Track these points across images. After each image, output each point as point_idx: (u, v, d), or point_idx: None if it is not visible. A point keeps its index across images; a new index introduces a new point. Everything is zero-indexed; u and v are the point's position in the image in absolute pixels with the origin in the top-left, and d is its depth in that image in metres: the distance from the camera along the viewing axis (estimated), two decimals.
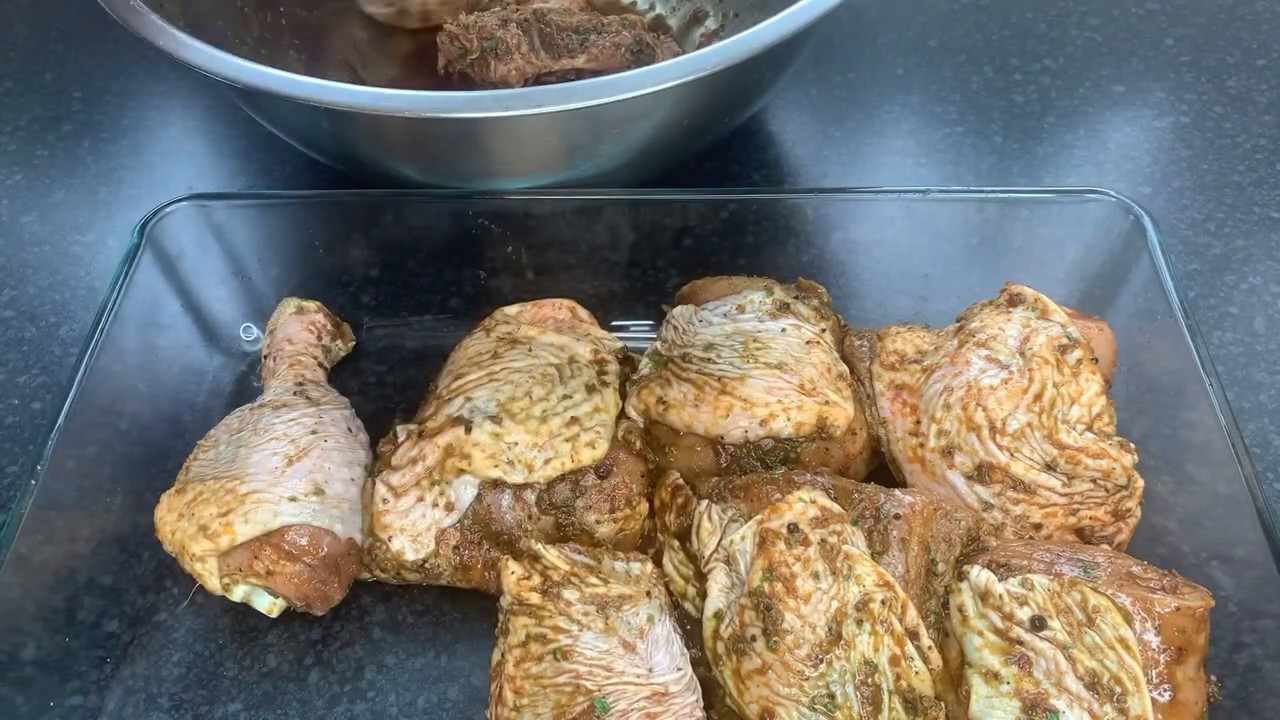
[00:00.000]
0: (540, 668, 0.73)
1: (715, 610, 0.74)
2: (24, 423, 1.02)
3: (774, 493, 0.77)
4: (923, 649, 0.71)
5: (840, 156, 1.24)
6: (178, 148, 1.29)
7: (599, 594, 0.75)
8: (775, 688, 0.71)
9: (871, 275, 1.04)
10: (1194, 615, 0.71)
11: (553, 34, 1.15)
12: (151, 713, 0.83)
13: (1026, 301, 0.88)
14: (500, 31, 1.14)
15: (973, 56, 1.35)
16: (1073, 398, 0.83)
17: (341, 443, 0.88)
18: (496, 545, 0.84)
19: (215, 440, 0.89)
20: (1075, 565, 0.74)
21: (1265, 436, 0.97)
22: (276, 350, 0.98)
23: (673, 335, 0.92)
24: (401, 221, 1.03)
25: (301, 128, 1.05)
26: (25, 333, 1.10)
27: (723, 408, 0.84)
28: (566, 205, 1.01)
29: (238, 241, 1.02)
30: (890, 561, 0.74)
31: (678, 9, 1.37)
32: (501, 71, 1.15)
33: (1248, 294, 1.09)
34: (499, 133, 0.94)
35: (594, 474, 0.83)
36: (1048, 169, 1.22)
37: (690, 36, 1.34)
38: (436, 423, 0.85)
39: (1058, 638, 0.70)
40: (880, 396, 0.89)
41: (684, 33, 1.34)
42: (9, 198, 1.23)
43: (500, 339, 0.92)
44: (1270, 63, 1.32)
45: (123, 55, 1.37)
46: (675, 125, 0.99)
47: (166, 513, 0.83)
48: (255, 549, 0.80)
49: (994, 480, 0.81)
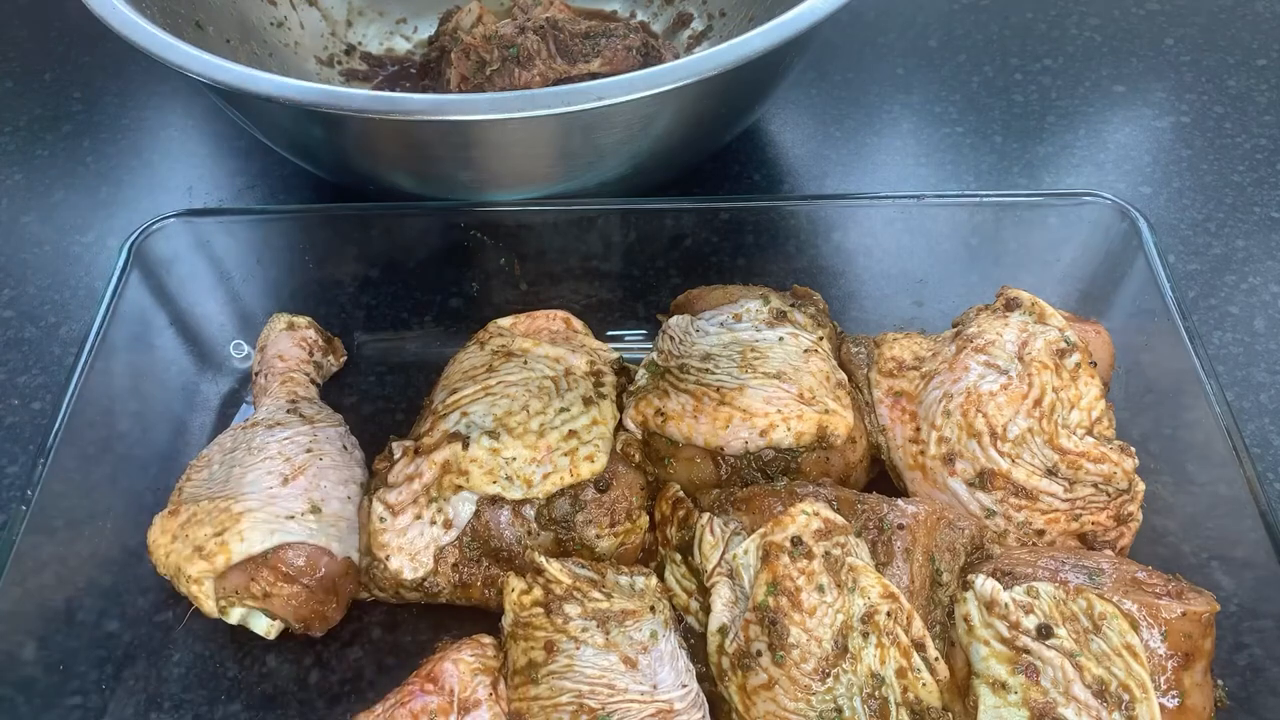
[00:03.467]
0: (539, 689, 0.72)
1: (719, 625, 0.74)
2: (24, 423, 1.02)
3: (776, 505, 0.76)
4: (929, 660, 0.71)
5: (840, 156, 1.24)
6: (178, 148, 1.29)
7: (601, 609, 0.75)
8: (782, 703, 0.70)
9: (867, 280, 1.04)
10: (1200, 620, 0.71)
11: (566, 40, 1.16)
12: (151, 713, 0.82)
13: (1023, 305, 0.88)
14: (520, 39, 1.14)
15: (973, 56, 1.35)
16: (1072, 402, 0.83)
17: (337, 460, 0.87)
18: (496, 562, 0.83)
19: (208, 460, 0.88)
20: (1080, 572, 0.73)
21: (1265, 436, 0.97)
22: (268, 367, 0.97)
23: (669, 345, 0.91)
24: (391, 234, 1.02)
25: (291, 136, 1.04)
26: (25, 333, 1.09)
27: (722, 418, 0.83)
28: (558, 215, 1.00)
29: (226, 257, 1.01)
30: (894, 572, 0.74)
31: (660, 14, 1.36)
32: (526, 78, 1.15)
33: (1248, 294, 1.09)
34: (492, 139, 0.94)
35: (593, 488, 0.82)
36: (1048, 169, 1.22)
37: (677, 40, 1.33)
38: (433, 439, 0.84)
39: (1064, 646, 0.70)
40: (879, 404, 0.88)
41: (669, 37, 1.34)
42: (9, 198, 1.23)
43: (495, 352, 0.92)
44: (1270, 63, 1.33)
45: (123, 55, 1.36)
46: (672, 132, 0.99)
47: (160, 534, 0.82)
48: (252, 570, 0.79)
49: (996, 487, 0.81)
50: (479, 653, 0.75)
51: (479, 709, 0.71)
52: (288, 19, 1.26)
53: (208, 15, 1.14)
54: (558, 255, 1.02)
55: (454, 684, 0.72)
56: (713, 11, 1.33)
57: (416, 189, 1.03)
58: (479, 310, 1.03)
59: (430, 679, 0.73)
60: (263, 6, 1.24)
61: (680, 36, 1.33)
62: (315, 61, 1.28)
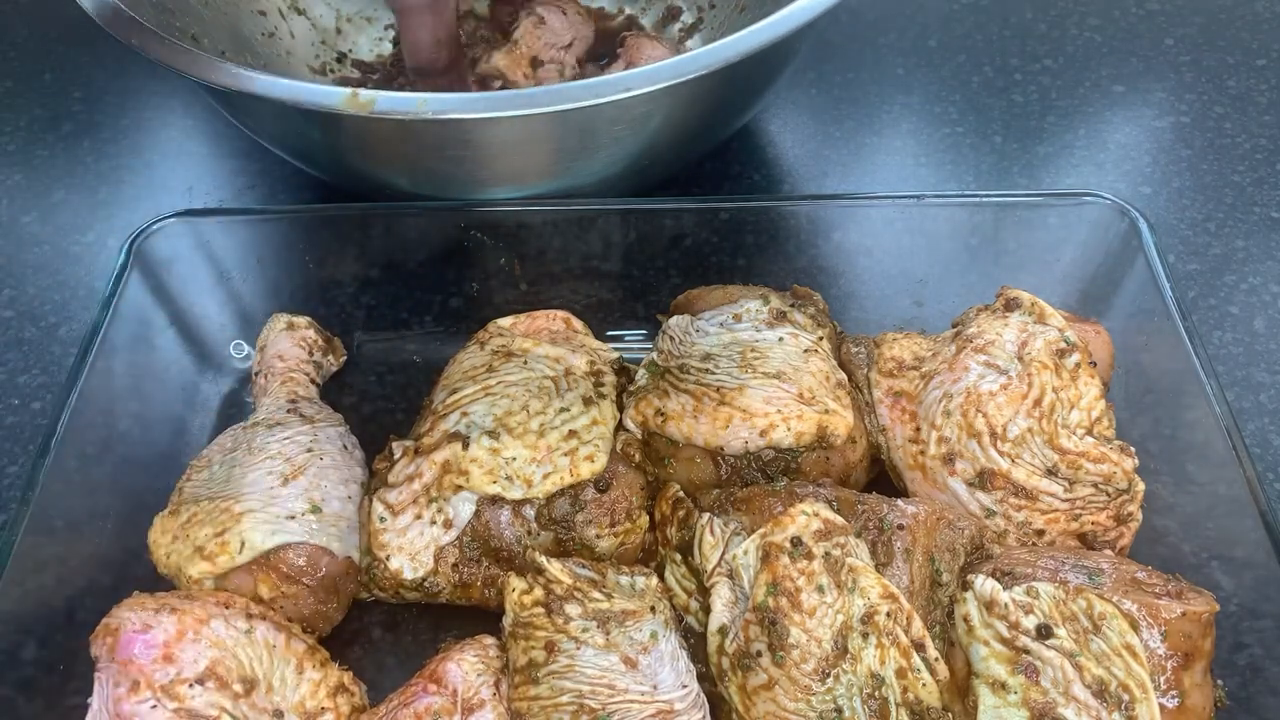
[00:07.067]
0: (539, 689, 0.72)
1: (719, 625, 0.74)
2: (24, 423, 1.02)
3: (776, 505, 0.76)
4: (929, 660, 0.71)
5: (840, 157, 1.24)
6: (178, 148, 1.29)
7: (601, 609, 0.75)
8: (782, 703, 0.70)
9: (867, 280, 1.04)
10: (1200, 620, 0.71)
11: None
12: None
13: (1023, 305, 0.88)
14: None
15: (973, 56, 1.35)
16: (1072, 402, 0.83)
17: (337, 460, 0.87)
18: (496, 562, 0.83)
19: (208, 460, 0.88)
20: (1080, 572, 0.73)
21: (1265, 436, 0.97)
22: (267, 367, 0.97)
23: (669, 346, 0.91)
24: (391, 234, 1.02)
25: (288, 137, 1.04)
26: (25, 333, 1.09)
27: (722, 419, 0.83)
28: (558, 215, 1.00)
29: (226, 257, 1.01)
30: (894, 573, 0.74)
31: (649, 8, 1.36)
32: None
33: (1248, 294, 1.09)
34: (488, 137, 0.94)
35: (593, 488, 0.82)
36: (1048, 169, 1.22)
37: (668, 33, 1.33)
38: (433, 439, 0.84)
39: (1064, 646, 0.70)
40: (879, 404, 0.88)
41: (659, 30, 1.34)
42: (9, 198, 1.23)
43: (495, 352, 0.92)
44: (1270, 63, 1.33)
45: (123, 55, 1.35)
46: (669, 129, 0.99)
47: (160, 535, 0.82)
48: (253, 571, 0.79)
49: (996, 487, 0.81)
50: (482, 653, 0.75)
51: (483, 709, 0.72)
52: (278, 29, 1.27)
53: (201, 28, 1.15)
54: (558, 255, 1.02)
55: (458, 684, 0.72)
56: (702, 4, 1.33)
57: (412, 188, 1.03)
58: (479, 310, 1.03)
59: (434, 679, 0.73)
60: (254, 18, 1.24)
61: (671, 30, 1.33)
62: (308, 70, 1.28)
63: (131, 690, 0.71)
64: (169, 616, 0.73)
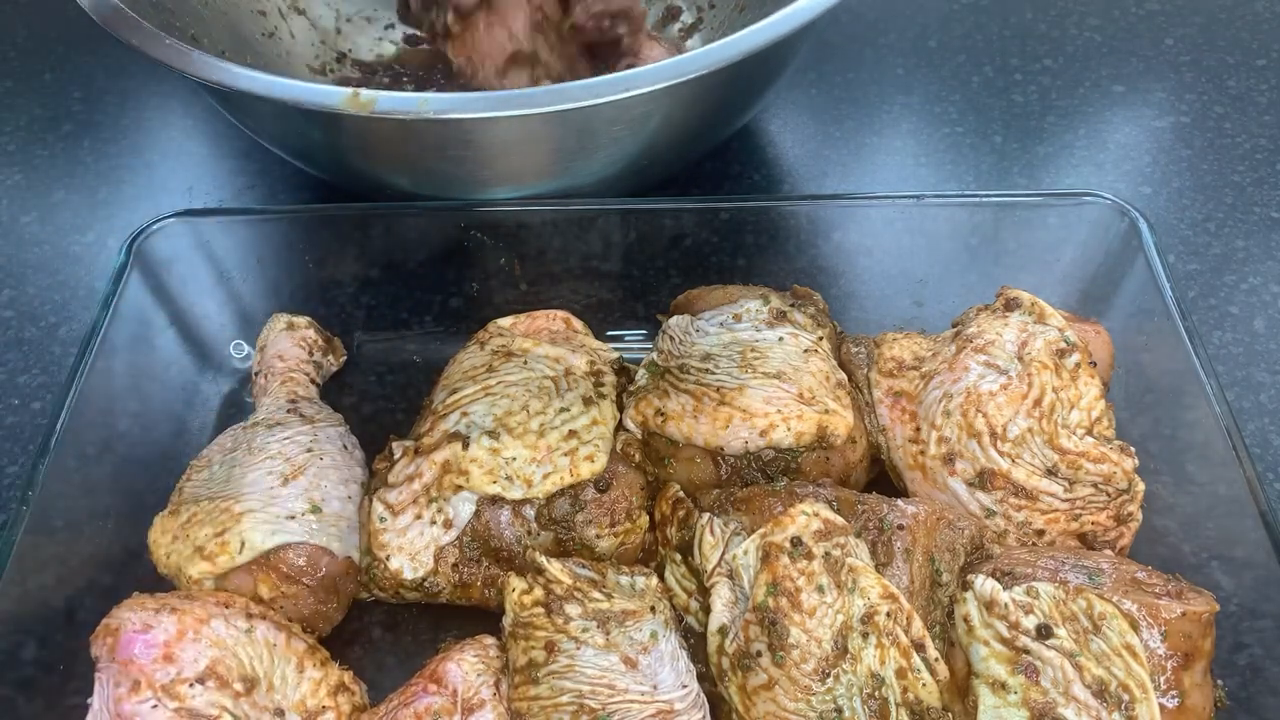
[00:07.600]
0: (539, 689, 0.72)
1: (719, 625, 0.74)
2: (24, 423, 1.02)
3: (776, 505, 0.76)
4: (929, 660, 0.71)
5: (840, 156, 1.24)
6: (177, 148, 1.29)
7: (601, 609, 0.75)
8: (782, 703, 0.70)
9: (867, 280, 1.04)
10: (1200, 620, 0.71)
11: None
12: None
13: (1023, 305, 0.88)
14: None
15: (973, 56, 1.35)
16: (1072, 402, 0.83)
17: (337, 460, 0.87)
18: (496, 562, 0.83)
19: (208, 460, 0.88)
20: (1080, 572, 0.73)
21: (1265, 436, 0.97)
22: (267, 367, 0.97)
23: (669, 346, 0.92)
24: (391, 234, 1.02)
25: (288, 137, 1.04)
26: (25, 333, 1.10)
27: (722, 419, 0.83)
28: (558, 215, 1.00)
29: (226, 257, 1.01)
30: (894, 573, 0.74)
31: (649, 8, 1.36)
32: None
33: (1248, 294, 1.09)
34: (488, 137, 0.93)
35: (593, 488, 0.82)
36: (1048, 169, 1.22)
37: (667, 33, 1.33)
38: (433, 439, 0.84)
39: (1064, 646, 0.70)
40: (879, 404, 0.88)
41: (659, 30, 1.34)
42: (9, 198, 1.23)
43: (495, 352, 0.92)
44: (1270, 63, 1.33)
45: (123, 55, 1.35)
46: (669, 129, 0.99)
47: (160, 534, 0.83)
48: (253, 571, 0.79)
49: (996, 487, 0.81)
50: (482, 653, 0.75)
51: (483, 709, 0.72)
52: (278, 29, 1.27)
53: (201, 28, 1.15)
54: (558, 255, 1.02)
55: (458, 684, 0.72)
56: (702, 4, 1.33)
57: (412, 188, 1.03)
58: (479, 310, 1.03)
59: (434, 679, 0.73)
60: (254, 18, 1.24)
61: (671, 30, 1.33)
62: (308, 70, 1.28)
63: (132, 690, 0.71)
64: (169, 616, 0.73)
